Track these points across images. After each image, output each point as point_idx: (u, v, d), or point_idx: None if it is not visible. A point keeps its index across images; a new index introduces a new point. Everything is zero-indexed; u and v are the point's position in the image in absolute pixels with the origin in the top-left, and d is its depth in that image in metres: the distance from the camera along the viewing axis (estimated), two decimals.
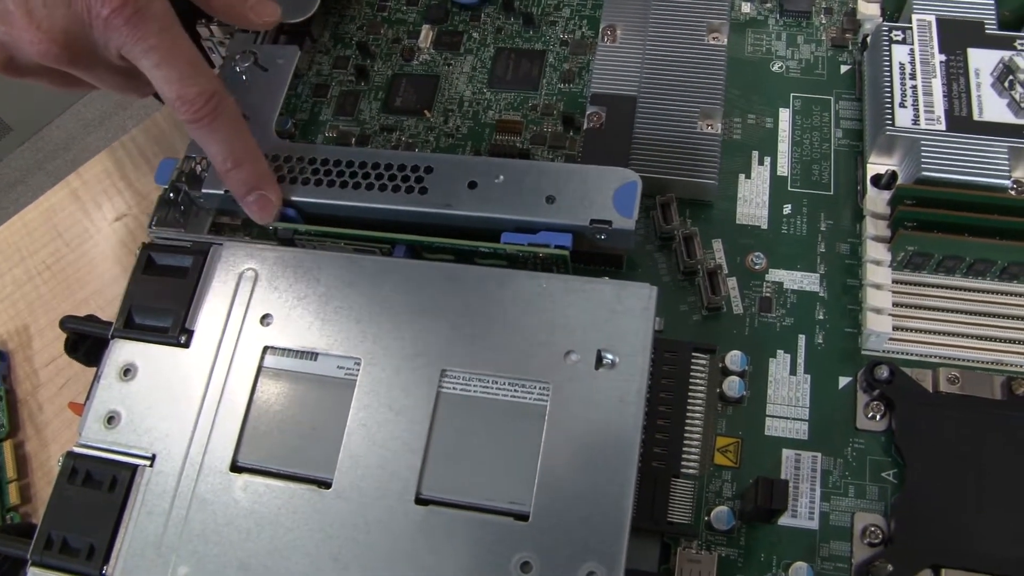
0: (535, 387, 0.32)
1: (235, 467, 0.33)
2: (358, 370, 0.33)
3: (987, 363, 0.34)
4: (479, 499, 0.31)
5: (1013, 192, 0.35)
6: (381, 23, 0.46)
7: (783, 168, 0.40)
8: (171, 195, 0.39)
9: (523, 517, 0.30)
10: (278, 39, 0.44)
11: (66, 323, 0.39)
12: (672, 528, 0.33)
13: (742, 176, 0.40)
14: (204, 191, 0.38)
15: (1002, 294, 0.35)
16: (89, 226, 0.47)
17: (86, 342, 0.40)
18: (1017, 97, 0.35)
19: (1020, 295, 0.35)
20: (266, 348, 0.35)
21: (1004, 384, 0.33)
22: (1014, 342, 0.34)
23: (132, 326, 0.36)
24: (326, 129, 0.44)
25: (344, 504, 0.32)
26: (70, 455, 0.35)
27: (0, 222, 0.48)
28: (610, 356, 0.32)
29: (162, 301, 0.36)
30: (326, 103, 0.44)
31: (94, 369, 0.40)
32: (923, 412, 0.33)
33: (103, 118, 1.63)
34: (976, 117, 0.35)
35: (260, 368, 0.34)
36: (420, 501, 0.31)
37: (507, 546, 0.30)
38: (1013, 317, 0.35)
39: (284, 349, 0.35)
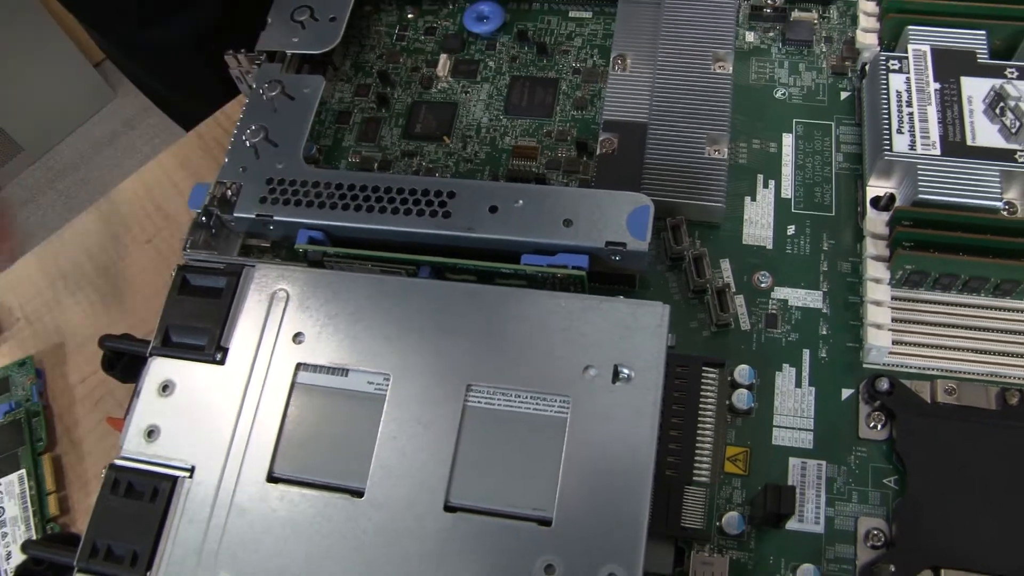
0: (556, 400, 0.34)
1: (271, 478, 0.35)
2: (387, 385, 0.35)
3: (982, 375, 0.36)
4: (504, 506, 0.33)
5: (1005, 213, 0.37)
6: (400, 52, 0.48)
7: (787, 191, 0.42)
8: (203, 219, 0.41)
9: (546, 522, 0.32)
10: (302, 69, 0.46)
11: (104, 342, 0.41)
12: (686, 533, 0.34)
13: (748, 199, 0.42)
14: (236, 215, 0.40)
15: (996, 309, 0.37)
16: (120, 248, 0.49)
17: (122, 360, 0.42)
18: (1008, 123, 0.37)
19: (1013, 310, 0.37)
20: (299, 365, 0.37)
21: (998, 395, 0.35)
22: (1008, 355, 0.36)
23: (169, 344, 0.38)
24: (349, 154, 0.46)
25: (376, 512, 0.33)
26: (112, 467, 0.36)
27: (25, 243, 0.50)
28: (626, 371, 0.34)
29: (197, 320, 0.38)
30: (349, 129, 0.46)
31: (129, 385, 0.42)
32: (922, 422, 0.35)
33: (112, 137, 1.65)
34: (969, 142, 0.37)
35: (293, 384, 0.36)
36: (449, 508, 0.33)
37: (531, 550, 0.32)
38: (1006, 331, 0.36)
39: (316, 366, 0.36)
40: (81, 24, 0.76)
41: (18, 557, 0.41)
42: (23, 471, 0.43)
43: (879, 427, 0.36)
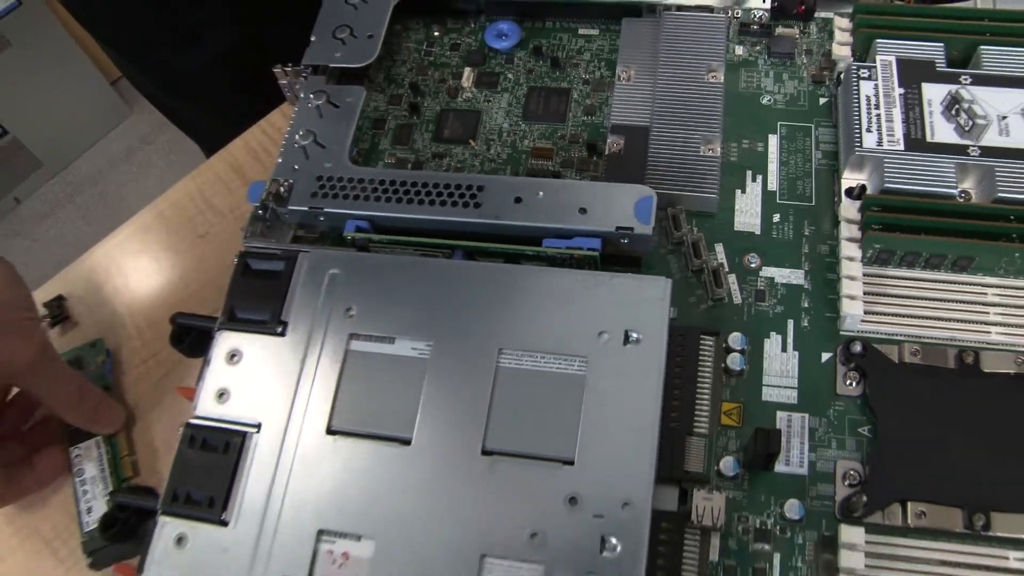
0: (575, 360, 0.40)
1: (330, 431, 0.40)
2: (429, 350, 0.41)
3: (943, 339, 0.42)
4: (533, 449, 0.38)
5: (960, 200, 0.43)
6: (428, 66, 0.54)
7: (772, 184, 0.48)
8: (260, 211, 0.47)
9: (569, 462, 0.38)
10: (341, 80, 0.52)
11: (177, 318, 0.46)
12: (688, 476, 0.40)
13: (738, 191, 0.48)
14: (290, 208, 0.46)
15: (953, 283, 0.42)
16: (177, 242, 0.55)
17: (190, 335, 0.47)
18: (962, 123, 0.43)
19: (968, 284, 0.42)
20: (351, 335, 0.42)
21: (956, 356, 0.41)
22: (964, 322, 0.42)
23: (234, 320, 0.44)
24: (385, 156, 0.51)
25: (422, 457, 0.39)
26: (189, 426, 0.42)
27: (45, 256, 0.56)
28: (635, 335, 0.40)
29: (259, 299, 0.44)
30: (384, 134, 0.52)
31: (190, 361, 0.48)
32: (891, 379, 0.41)
33: (128, 153, 1.71)
34: (929, 139, 0.43)
35: (347, 351, 0.42)
36: (486, 453, 0.38)
37: (557, 485, 0.37)
38: (963, 301, 0.42)
39: (366, 335, 0.42)
40: (104, 49, 0.82)
41: (99, 512, 0.46)
42: (99, 437, 0.48)
43: (854, 384, 0.42)
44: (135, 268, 0.54)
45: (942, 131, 0.43)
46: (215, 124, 0.76)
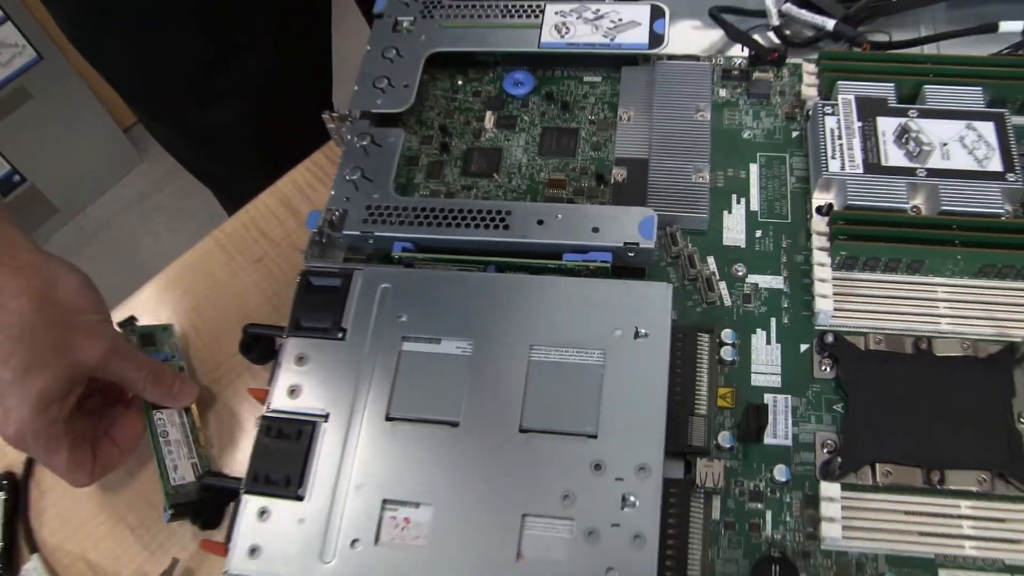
0: (594, 353, 0.48)
1: (388, 418, 0.48)
2: (471, 348, 0.49)
3: (901, 330, 0.50)
4: (562, 427, 0.46)
5: (912, 213, 0.51)
6: (454, 110, 0.62)
7: (754, 205, 0.56)
8: (318, 236, 0.55)
9: (593, 436, 0.45)
10: (379, 123, 0.60)
11: (248, 328, 0.54)
12: (691, 449, 0.47)
13: (725, 212, 0.56)
14: (344, 232, 0.54)
15: (908, 283, 0.50)
16: (234, 266, 0.62)
17: (259, 344, 0.55)
18: (911, 149, 0.51)
19: (920, 283, 0.50)
20: (403, 337, 0.50)
21: (913, 343, 0.49)
22: (919, 315, 0.50)
23: (299, 328, 0.51)
24: (420, 189, 0.59)
25: (469, 437, 0.46)
26: (264, 418, 0.49)
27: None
28: (644, 330, 0.48)
29: (321, 310, 0.51)
30: (418, 170, 0.60)
31: (253, 369, 0.55)
32: (859, 364, 0.49)
33: (141, 198, 1.79)
34: (883, 163, 0.51)
35: (400, 351, 0.49)
36: (522, 431, 0.46)
37: (583, 455, 0.45)
38: (916, 298, 0.50)
39: (416, 337, 0.50)
40: (133, 109, 0.89)
41: (184, 470, 0.53)
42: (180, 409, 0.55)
43: (828, 369, 0.49)
44: (197, 290, 0.61)
45: (894, 156, 0.52)
46: (245, 180, 0.84)
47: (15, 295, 0.47)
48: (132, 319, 0.60)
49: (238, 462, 0.55)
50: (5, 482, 0.57)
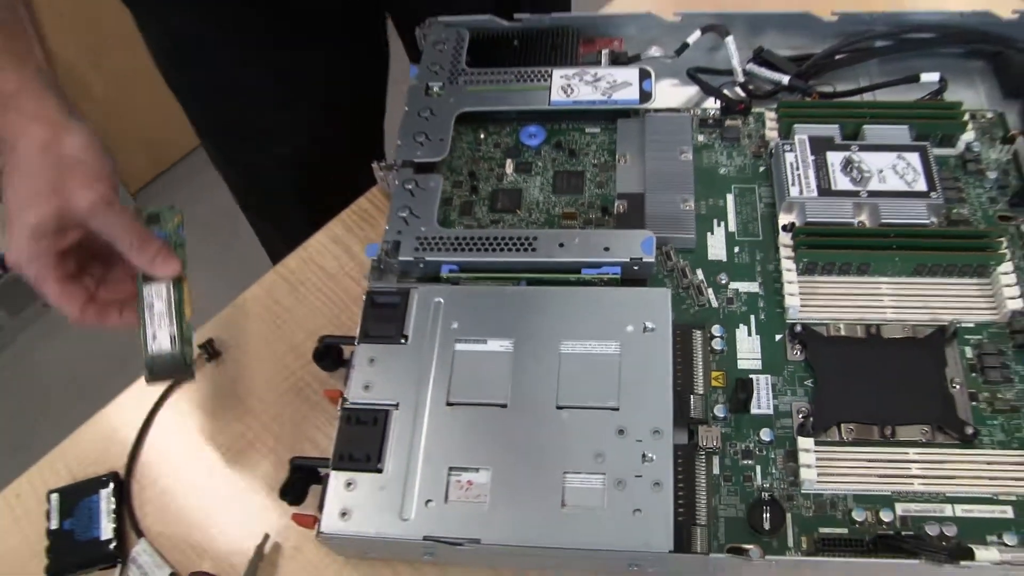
0: (612, 345, 0.59)
1: (449, 403, 0.59)
2: (512, 346, 0.60)
3: (855, 319, 0.62)
4: (590, 402, 0.57)
5: (858, 226, 0.64)
6: (479, 159, 0.75)
7: (732, 227, 0.68)
8: (377, 263, 0.66)
9: (615, 409, 0.57)
10: (418, 170, 0.72)
11: (324, 339, 0.65)
12: (693, 420, 0.59)
13: (709, 233, 0.68)
14: (400, 259, 0.65)
15: (859, 282, 0.63)
16: (297, 295, 0.73)
17: (330, 353, 0.66)
18: (854, 176, 0.64)
19: (868, 282, 0.63)
20: (455, 339, 0.61)
21: (865, 329, 0.61)
22: (868, 307, 0.62)
23: (368, 336, 0.63)
24: (456, 224, 0.71)
25: (515, 415, 0.58)
26: (345, 409, 0.60)
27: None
28: (650, 325, 0.60)
29: (385, 321, 0.63)
30: (453, 209, 0.72)
31: (319, 377, 0.66)
32: (823, 347, 0.61)
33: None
34: (833, 188, 0.64)
35: (454, 351, 0.61)
36: (559, 408, 0.58)
37: (608, 423, 0.56)
38: (866, 294, 0.63)
39: (466, 339, 0.61)
40: (206, 148, 1.01)
41: (162, 339, 0.61)
42: (168, 282, 0.62)
43: (799, 353, 0.61)
44: (267, 315, 0.73)
45: (842, 183, 0.65)
46: (289, 214, 0.96)
47: (27, 140, 0.57)
48: (211, 340, 0.71)
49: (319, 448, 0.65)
50: (111, 481, 0.67)
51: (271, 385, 0.69)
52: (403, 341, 0.62)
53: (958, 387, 0.58)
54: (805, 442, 0.57)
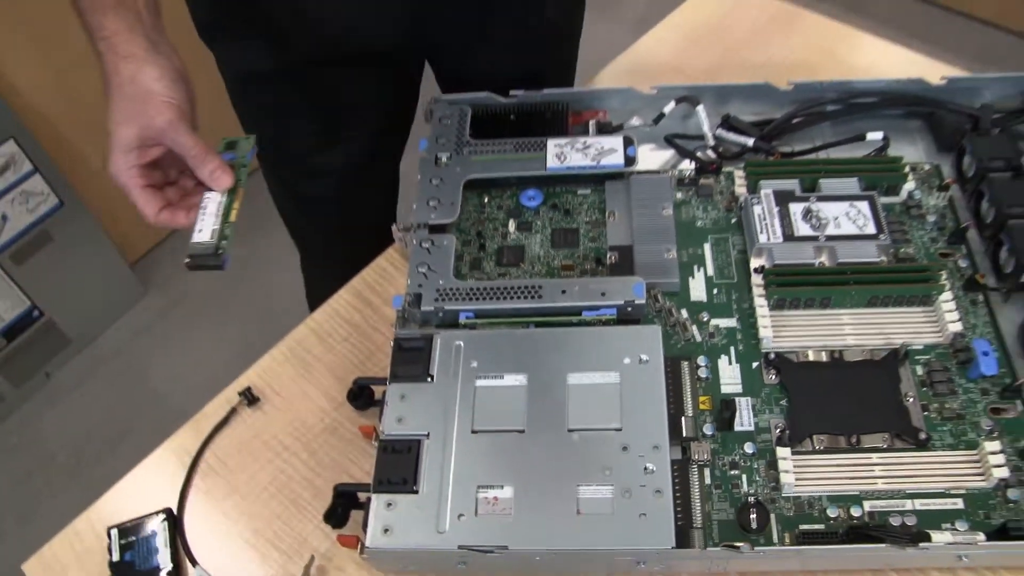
0: (612, 375, 0.68)
1: (473, 431, 0.68)
2: (526, 380, 0.69)
3: (820, 346, 0.72)
4: (596, 424, 0.66)
5: (818, 265, 0.74)
6: (485, 220, 0.84)
7: (710, 272, 0.78)
8: (401, 313, 0.75)
9: (618, 429, 0.66)
10: (431, 231, 0.81)
11: (357, 380, 0.74)
12: (685, 438, 0.68)
13: (690, 277, 0.78)
14: (422, 309, 0.74)
15: (822, 314, 0.73)
16: (325, 344, 0.82)
17: (363, 393, 0.75)
18: (813, 224, 0.75)
19: (831, 314, 0.73)
20: (476, 376, 0.70)
21: (829, 354, 0.71)
22: (831, 335, 0.72)
23: (398, 377, 0.71)
24: (468, 277, 0.80)
25: (532, 439, 0.67)
26: (381, 440, 0.68)
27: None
28: (645, 357, 0.69)
29: (413, 364, 0.72)
30: (463, 264, 0.81)
31: (352, 417, 0.75)
32: (794, 371, 0.70)
33: (148, 327, 1.96)
34: (796, 235, 0.75)
35: (475, 387, 0.70)
36: (569, 431, 0.66)
37: (614, 442, 0.65)
38: (829, 325, 0.72)
39: (485, 375, 0.70)
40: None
41: (207, 233, 0.71)
42: (221, 192, 0.73)
43: (774, 377, 0.71)
44: (304, 361, 0.81)
45: (803, 229, 0.75)
46: (324, 240, 1.07)
47: (118, 75, 0.69)
48: (248, 389, 0.80)
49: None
50: (165, 516, 0.75)
51: (307, 427, 0.78)
52: (429, 380, 0.70)
53: (911, 400, 0.68)
54: (783, 452, 0.66)
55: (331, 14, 0.87)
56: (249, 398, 0.80)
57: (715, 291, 0.77)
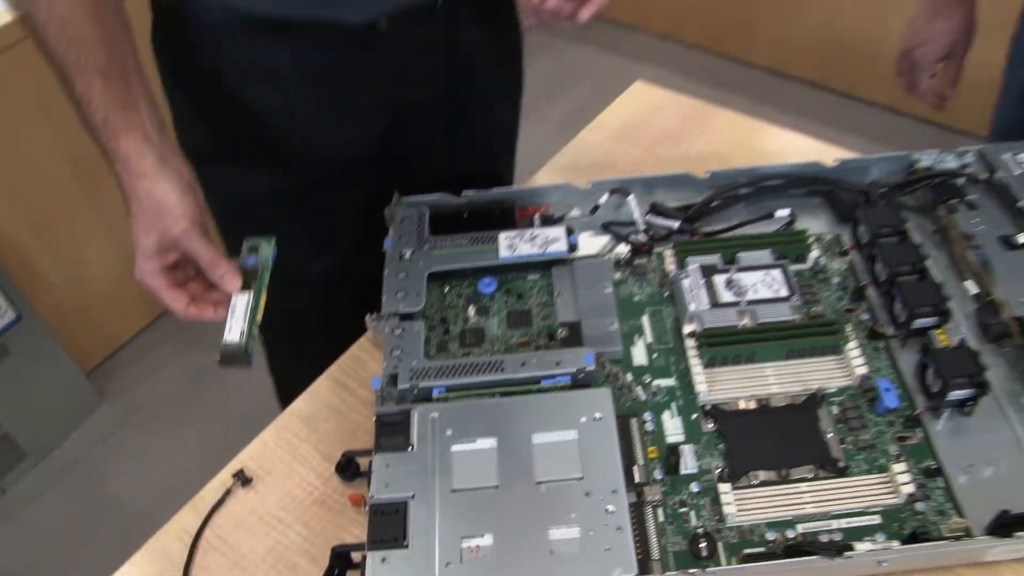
0: (571, 432, 0.78)
1: (453, 491, 0.76)
2: (496, 442, 0.79)
3: (749, 396, 0.83)
4: (560, 476, 0.75)
5: (741, 326, 0.85)
6: (447, 307, 0.94)
7: (649, 339, 0.89)
8: (380, 392, 0.84)
9: (580, 478, 0.75)
10: (402, 319, 0.91)
11: (345, 453, 0.82)
12: (638, 484, 0.78)
13: (632, 346, 0.89)
14: (399, 387, 0.84)
15: (748, 368, 0.84)
16: (313, 427, 0.91)
17: (351, 466, 0.83)
18: (735, 291, 0.87)
19: (756, 367, 0.84)
20: (452, 443, 0.79)
21: (757, 402, 0.82)
22: (758, 385, 0.83)
23: (382, 448, 0.80)
24: (436, 358, 0.90)
25: (505, 492, 0.75)
26: (372, 505, 0.77)
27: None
28: (598, 415, 0.79)
29: (394, 435, 0.81)
30: (431, 347, 0.91)
31: (341, 489, 0.83)
32: (729, 419, 0.81)
33: (105, 436, 2.00)
34: (720, 302, 0.86)
35: (452, 451, 0.79)
36: (538, 483, 0.76)
37: (577, 489, 0.74)
38: (755, 376, 0.84)
39: (459, 441, 0.79)
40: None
41: (236, 333, 0.79)
42: (250, 293, 0.81)
43: (712, 425, 0.81)
44: (286, 447, 0.89)
45: (726, 296, 0.87)
46: (306, 338, 1.15)
47: (135, 192, 0.78)
48: (241, 471, 0.87)
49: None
50: None
51: (299, 501, 0.85)
52: (410, 449, 0.79)
53: (830, 435, 0.79)
54: (724, 488, 0.76)
55: (321, 132, 0.99)
56: (243, 479, 0.87)
57: (655, 355, 0.88)
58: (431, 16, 0.96)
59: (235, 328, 0.81)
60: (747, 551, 0.73)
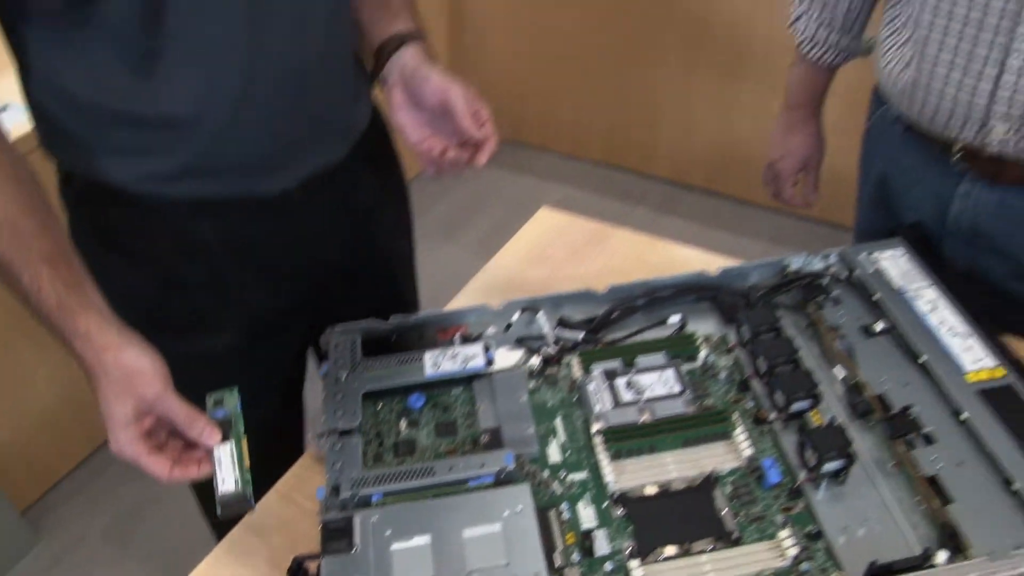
0: (496, 525, 0.88)
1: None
2: (431, 538, 0.88)
3: (652, 481, 0.94)
4: (488, 564, 0.85)
5: (642, 421, 0.97)
6: (380, 422, 1.04)
7: (562, 439, 1.00)
8: (325, 501, 0.93)
9: (507, 565, 0.85)
10: (342, 435, 1.01)
11: (296, 558, 0.90)
12: (557, 567, 0.87)
13: (547, 446, 0.99)
14: (341, 497, 0.93)
15: (651, 458, 0.95)
16: (265, 539, 0.98)
17: (300, 570, 0.91)
18: (636, 391, 0.99)
19: (658, 457, 0.95)
20: (392, 542, 0.88)
21: (659, 487, 0.93)
22: (660, 472, 0.94)
23: (328, 551, 0.88)
24: (372, 468, 0.99)
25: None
26: None
27: None
28: (519, 508, 0.89)
29: (339, 539, 0.89)
30: (368, 459, 1.01)
31: None
32: (635, 504, 0.92)
33: (44, 573, 2.00)
34: (621, 401, 0.98)
35: (391, 550, 0.88)
36: (469, 573, 0.85)
37: (505, 574, 0.84)
38: (657, 465, 0.95)
39: (400, 539, 0.88)
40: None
41: (229, 483, 0.85)
42: (231, 442, 0.87)
43: (621, 511, 0.92)
44: (243, 557, 0.97)
45: (627, 396, 0.99)
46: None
47: (101, 365, 0.81)
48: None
49: None
50: None
51: None
52: (355, 550, 0.88)
53: (725, 511, 0.90)
54: (634, 564, 0.86)
55: (251, 297, 1.11)
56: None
57: (567, 452, 0.98)
58: (334, 177, 1.10)
59: (228, 479, 0.86)
60: None
